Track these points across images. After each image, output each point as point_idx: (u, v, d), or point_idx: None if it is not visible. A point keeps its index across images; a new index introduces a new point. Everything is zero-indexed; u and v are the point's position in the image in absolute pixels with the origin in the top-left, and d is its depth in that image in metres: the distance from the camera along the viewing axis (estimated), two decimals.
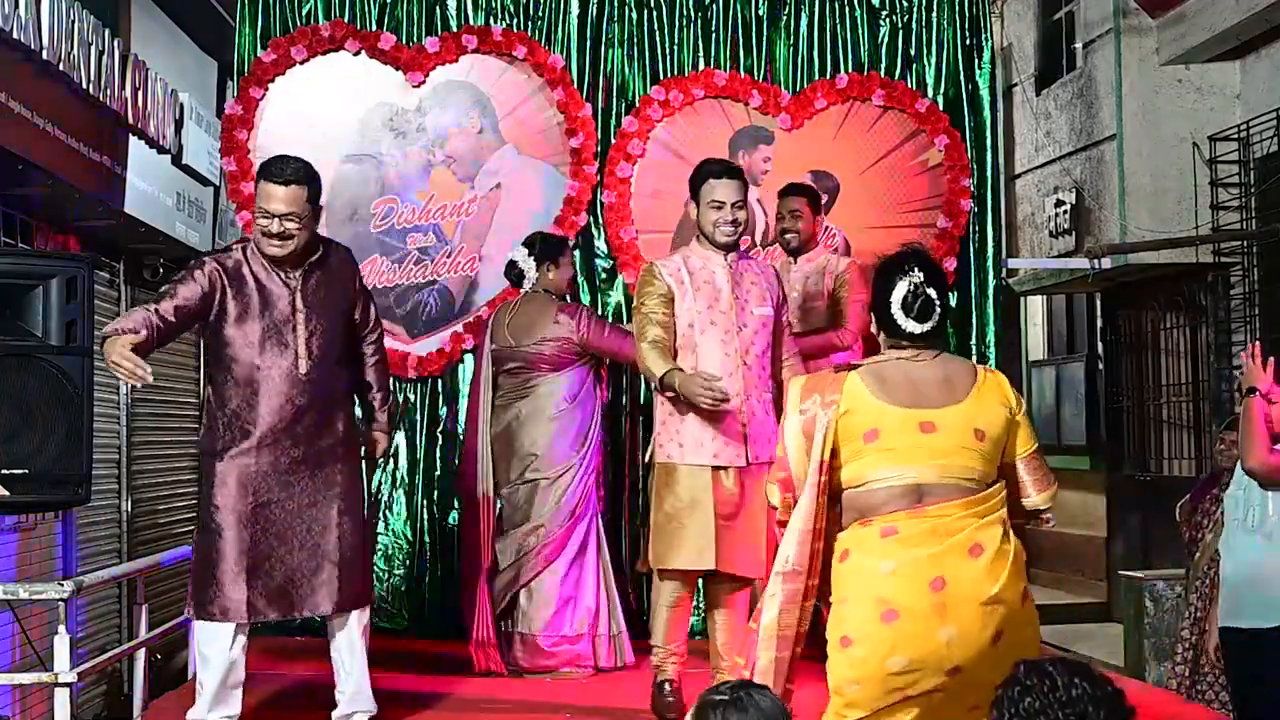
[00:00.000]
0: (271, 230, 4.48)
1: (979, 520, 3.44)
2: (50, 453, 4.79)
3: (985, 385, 3.59)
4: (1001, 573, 3.42)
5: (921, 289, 3.62)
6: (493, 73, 6.84)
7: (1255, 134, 8.50)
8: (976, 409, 3.53)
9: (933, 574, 3.39)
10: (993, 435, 3.52)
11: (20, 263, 5.09)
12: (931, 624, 3.36)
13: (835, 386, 3.54)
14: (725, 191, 4.90)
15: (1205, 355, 9.17)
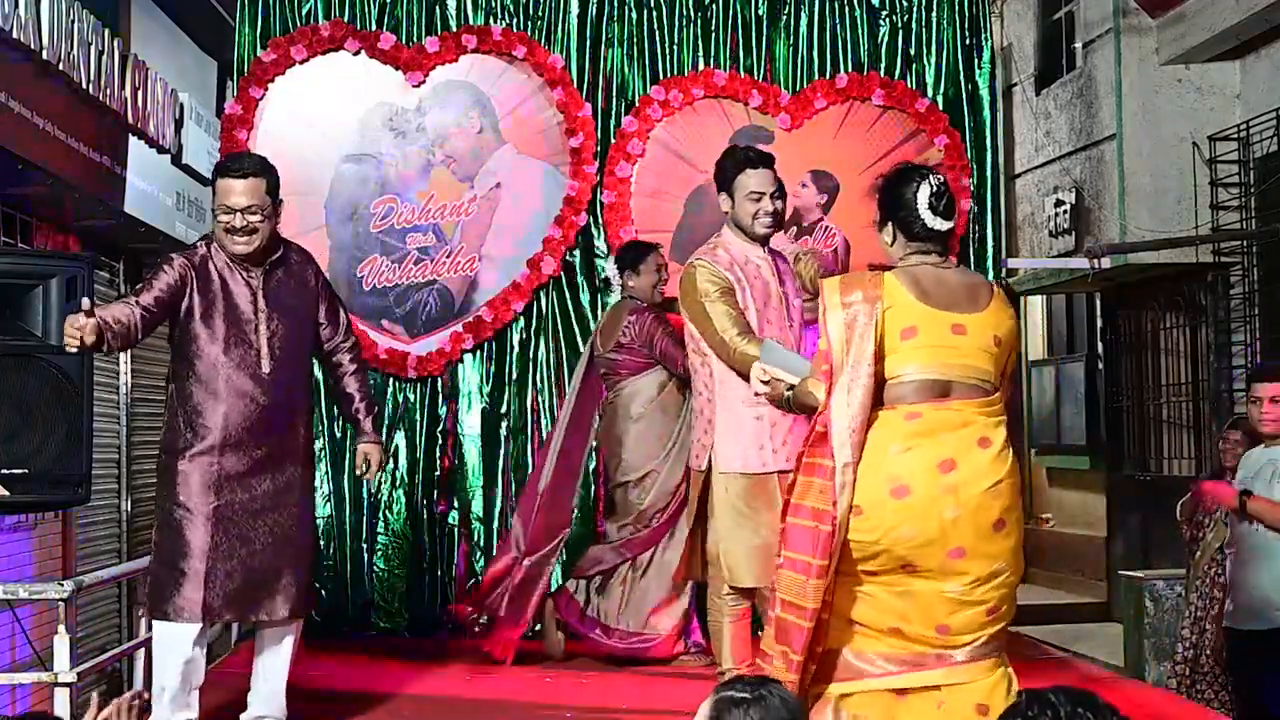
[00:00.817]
0: (235, 225, 4.45)
1: (989, 418, 3.68)
2: (50, 453, 4.79)
3: (999, 297, 3.82)
4: (1004, 467, 3.64)
5: (944, 188, 3.81)
6: (493, 73, 6.84)
7: (1255, 134, 8.50)
8: (996, 318, 3.75)
9: (943, 456, 3.61)
10: (1005, 343, 3.77)
11: (20, 263, 5.09)
12: (940, 503, 3.57)
13: (877, 284, 3.75)
14: (762, 181, 4.78)
15: (1205, 355, 9.17)
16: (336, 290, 6.66)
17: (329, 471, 6.65)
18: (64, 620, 4.69)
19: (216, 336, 4.43)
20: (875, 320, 3.70)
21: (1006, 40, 10.76)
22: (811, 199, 6.91)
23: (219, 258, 4.50)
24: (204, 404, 4.40)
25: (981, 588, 3.64)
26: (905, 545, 3.59)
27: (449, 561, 6.68)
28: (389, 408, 6.70)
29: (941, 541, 3.58)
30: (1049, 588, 11.71)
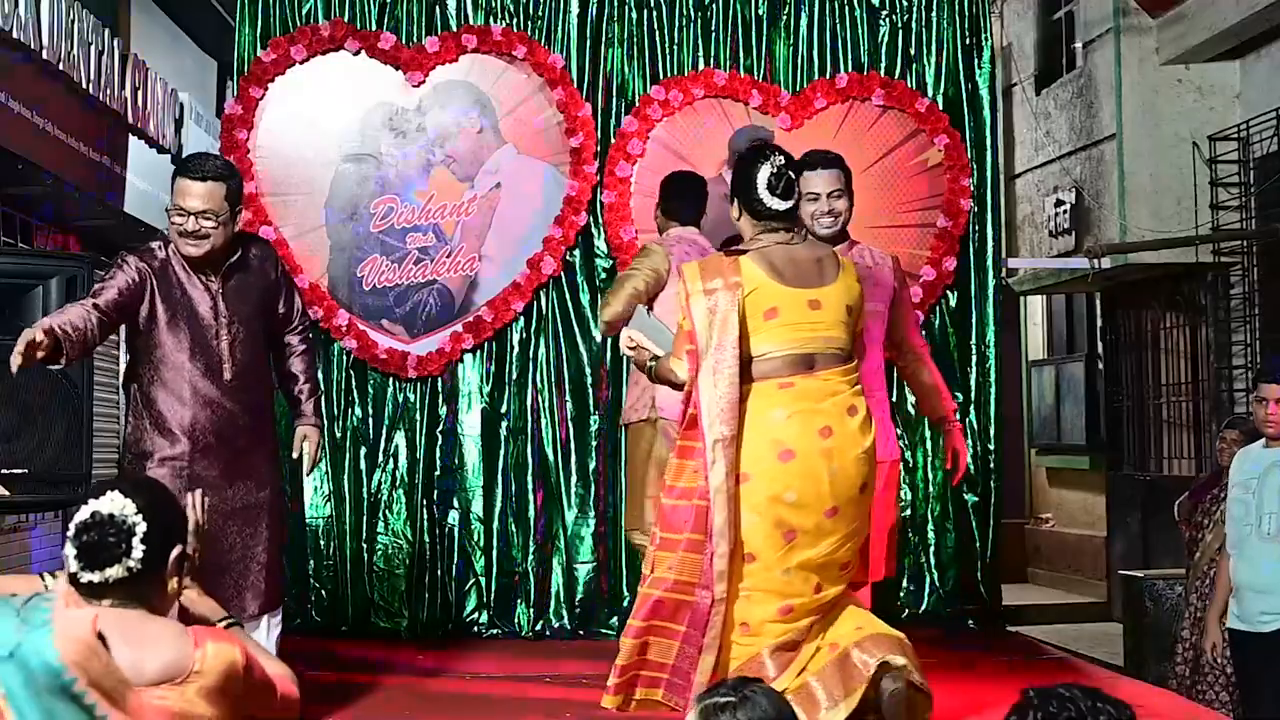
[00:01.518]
0: (186, 229, 4.36)
1: (851, 387, 4.03)
2: (50, 452, 4.78)
3: (846, 267, 4.13)
4: (869, 434, 4.02)
5: (784, 170, 4.05)
6: (493, 72, 6.84)
7: (1255, 134, 8.50)
8: (845, 288, 4.08)
9: (822, 423, 3.94)
10: (855, 310, 4.11)
11: (20, 263, 5.09)
12: (820, 465, 3.92)
13: (735, 269, 4.01)
14: (819, 182, 4.66)
15: (1205, 355, 9.17)
16: (336, 290, 6.71)
17: (329, 471, 6.65)
18: None
19: (182, 343, 4.41)
20: (737, 305, 3.94)
21: (1006, 40, 10.75)
22: None
23: (177, 260, 4.44)
24: (171, 409, 4.39)
25: (844, 547, 4.00)
26: (788, 507, 3.90)
27: (449, 561, 6.68)
28: (389, 408, 6.70)
29: (818, 503, 3.92)
30: (1049, 588, 11.72)
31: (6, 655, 2.33)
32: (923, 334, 5.14)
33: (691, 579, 3.94)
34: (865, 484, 4.01)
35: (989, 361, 6.92)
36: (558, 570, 6.66)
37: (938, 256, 6.86)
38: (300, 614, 6.53)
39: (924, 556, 6.85)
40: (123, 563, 2.44)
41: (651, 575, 4.03)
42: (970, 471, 6.86)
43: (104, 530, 2.44)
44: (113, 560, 2.44)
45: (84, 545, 2.44)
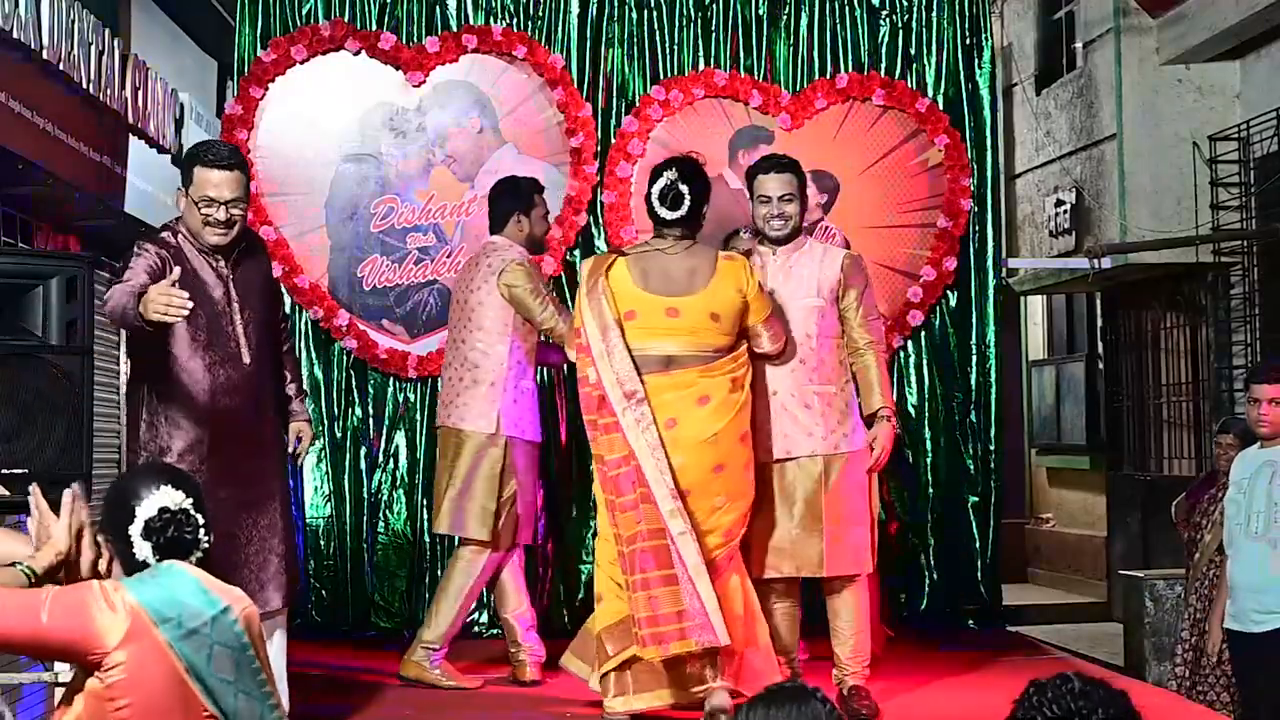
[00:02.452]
0: (218, 218, 4.35)
1: (709, 378, 4.53)
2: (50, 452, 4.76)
3: (722, 273, 4.60)
4: (724, 418, 4.52)
5: (674, 184, 4.63)
6: (493, 72, 6.84)
7: (1255, 134, 8.50)
8: (712, 296, 4.56)
9: (666, 416, 4.49)
10: (727, 315, 4.57)
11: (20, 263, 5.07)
12: (690, 430, 4.49)
13: (603, 267, 4.65)
14: (771, 185, 4.93)
15: (1205, 355, 9.17)
16: (337, 290, 6.71)
17: (329, 471, 6.66)
18: None
19: (199, 332, 4.37)
20: (605, 297, 4.56)
21: (1006, 40, 10.75)
22: (812, 199, 6.90)
23: (189, 247, 4.42)
24: (188, 402, 4.36)
25: (711, 518, 4.50)
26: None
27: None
28: (389, 408, 6.71)
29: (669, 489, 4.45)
30: (1049, 587, 11.72)
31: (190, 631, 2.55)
32: (881, 328, 5.13)
33: (659, 524, 4.45)
34: (719, 464, 4.53)
35: (989, 361, 6.92)
36: (558, 570, 6.66)
37: (938, 256, 6.86)
38: (300, 614, 6.53)
39: (924, 556, 6.85)
40: (199, 548, 2.71)
41: (625, 535, 4.49)
42: (970, 472, 6.87)
43: (181, 524, 2.69)
44: (193, 549, 2.70)
45: (168, 540, 2.69)
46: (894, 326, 6.84)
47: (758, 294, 4.66)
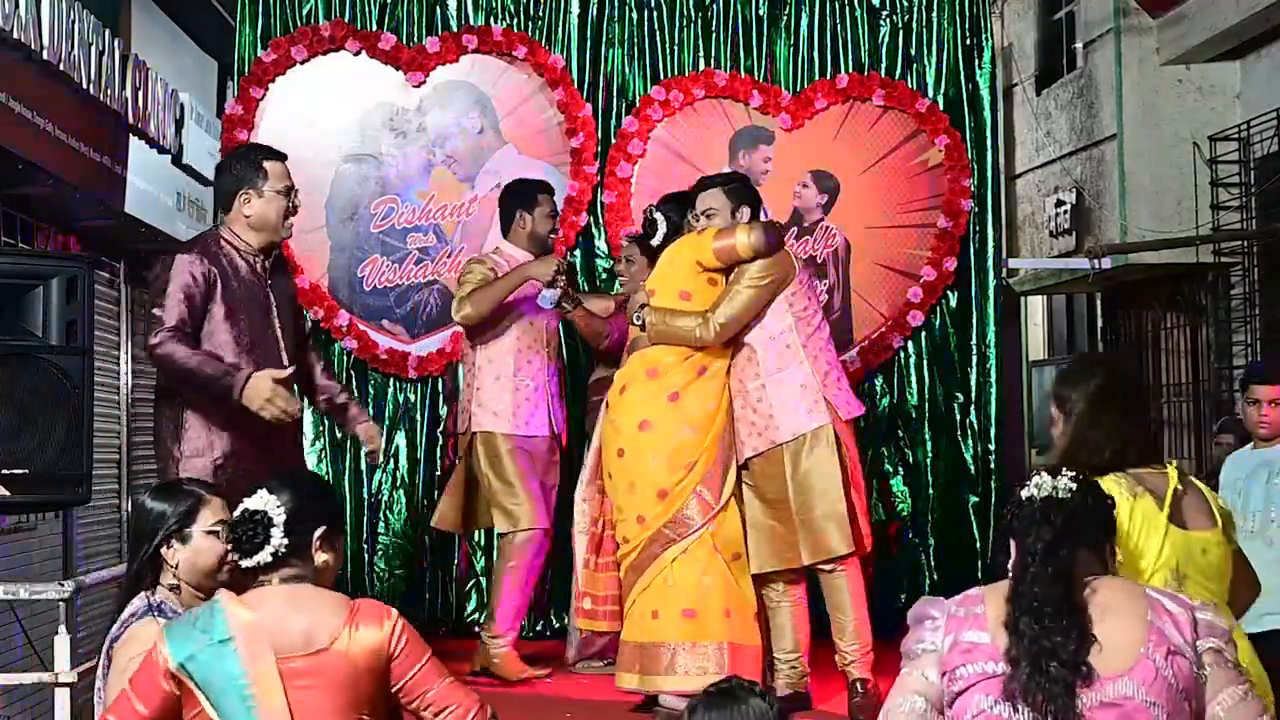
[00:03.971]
0: (295, 206, 4.50)
1: (666, 353, 4.88)
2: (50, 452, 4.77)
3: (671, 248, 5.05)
4: (655, 385, 4.84)
5: (650, 212, 5.24)
6: (493, 73, 6.84)
7: (1255, 134, 8.49)
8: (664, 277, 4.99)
9: (620, 384, 4.96)
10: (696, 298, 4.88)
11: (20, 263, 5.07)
12: (608, 417, 4.99)
13: None
14: (700, 203, 5.02)
15: (1205, 355, 9.16)
16: (337, 290, 6.71)
17: (329, 471, 6.65)
18: (64, 620, 4.68)
19: (241, 335, 4.40)
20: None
21: (1006, 40, 10.74)
22: (812, 199, 6.92)
23: (233, 252, 4.46)
24: (236, 408, 4.33)
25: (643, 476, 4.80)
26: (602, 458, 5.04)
27: (449, 561, 6.67)
28: (389, 408, 6.70)
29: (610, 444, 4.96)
30: None
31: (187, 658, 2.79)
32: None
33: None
34: (644, 421, 4.83)
35: (989, 361, 6.92)
36: (558, 570, 6.66)
37: (938, 257, 6.86)
38: None
39: (924, 556, 6.85)
40: (267, 549, 2.87)
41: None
42: (970, 472, 6.87)
43: (248, 525, 2.89)
44: (258, 548, 2.87)
45: (234, 538, 2.91)
46: (894, 326, 6.84)
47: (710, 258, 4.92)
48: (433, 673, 2.87)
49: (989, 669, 2.49)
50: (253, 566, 2.90)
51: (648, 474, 4.78)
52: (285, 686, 2.77)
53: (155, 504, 3.11)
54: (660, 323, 4.83)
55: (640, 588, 4.76)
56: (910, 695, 2.56)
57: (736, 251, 4.80)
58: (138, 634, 2.99)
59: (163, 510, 3.08)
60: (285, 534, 2.89)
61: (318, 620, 2.83)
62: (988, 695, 2.47)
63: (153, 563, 3.10)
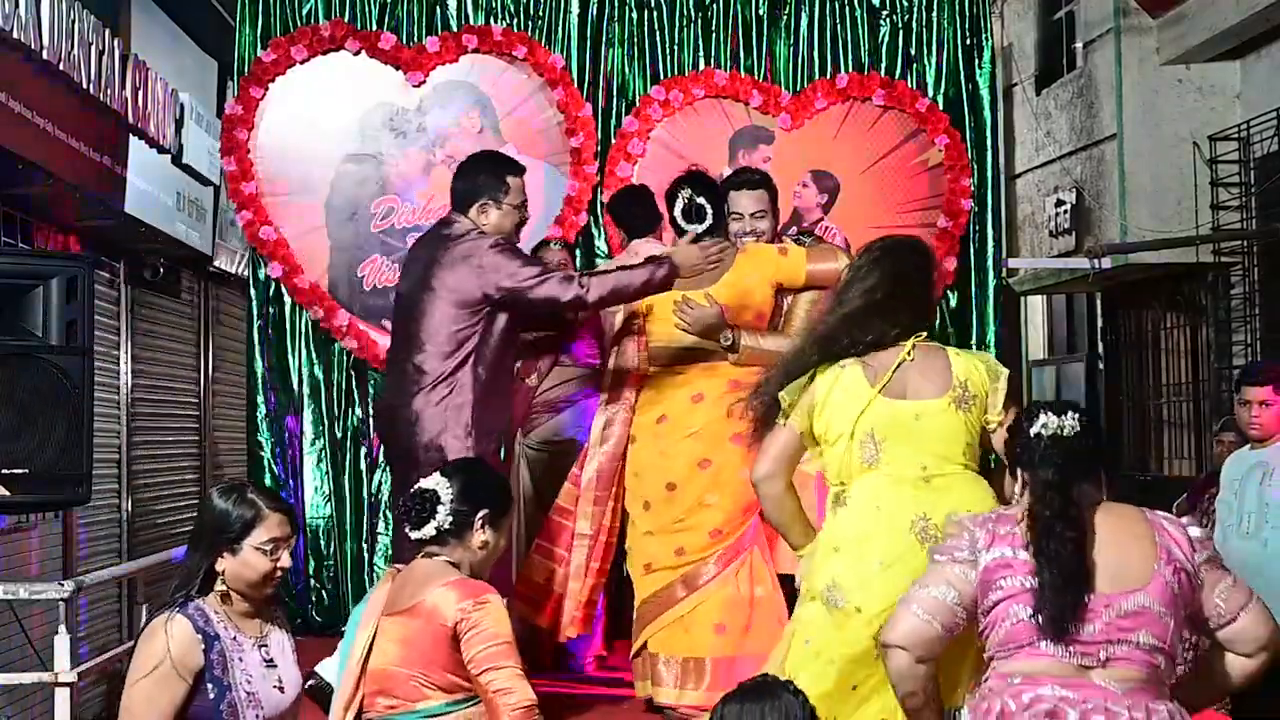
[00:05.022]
0: (525, 218, 4.82)
1: (706, 376, 4.77)
2: (50, 452, 4.78)
3: (736, 267, 4.88)
4: (711, 414, 4.69)
5: (692, 199, 4.87)
6: (493, 73, 6.84)
7: (1255, 134, 8.50)
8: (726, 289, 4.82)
9: (659, 413, 4.81)
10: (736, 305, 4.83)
11: (20, 263, 5.08)
12: (653, 446, 4.79)
13: None
14: (744, 203, 5.05)
15: (1205, 355, 9.17)
16: (337, 290, 6.71)
17: (329, 471, 6.65)
18: (64, 620, 4.69)
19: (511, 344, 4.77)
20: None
21: (1006, 40, 10.75)
22: (812, 199, 6.92)
23: None
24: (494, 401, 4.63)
25: (696, 515, 4.70)
26: (638, 482, 4.84)
27: None
28: None
29: (656, 478, 4.78)
30: None
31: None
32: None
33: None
34: (706, 460, 4.72)
35: None
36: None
37: (938, 257, 6.85)
38: (300, 614, 6.53)
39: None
40: (432, 524, 3.31)
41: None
42: None
43: (418, 502, 3.31)
44: (424, 522, 3.31)
45: (405, 512, 3.34)
46: None
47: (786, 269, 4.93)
48: (500, 657, 3.15)
49: (1026, 583, 2.83)
50: (419, 539, 3.33)
51: (705, 516, 4.79)
52: (376, 636, 3.26)
53: (220, 507, 3.05)
54: (755, 345, 4.77)
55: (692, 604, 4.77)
56: (945, 585, 2.89)
57: (837, 277, 4.55)
58: (156, 630, 2.97)
59: (224, 517, 3.03)
60: (450, 513, 3.30)
61: (425, 587, 3.23)
62: (1025, 606, 2.82)
63: (205, 566, 3.05)
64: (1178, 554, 2.88)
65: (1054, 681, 2.78)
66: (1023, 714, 2.78)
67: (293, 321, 6.79)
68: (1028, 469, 2.94)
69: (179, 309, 9.15)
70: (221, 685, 2.92)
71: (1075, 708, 2.76)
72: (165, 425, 8.93)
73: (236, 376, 8.93)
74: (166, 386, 8.94)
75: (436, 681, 3.18)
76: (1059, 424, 2.93)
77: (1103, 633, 2.80)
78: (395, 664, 3.22)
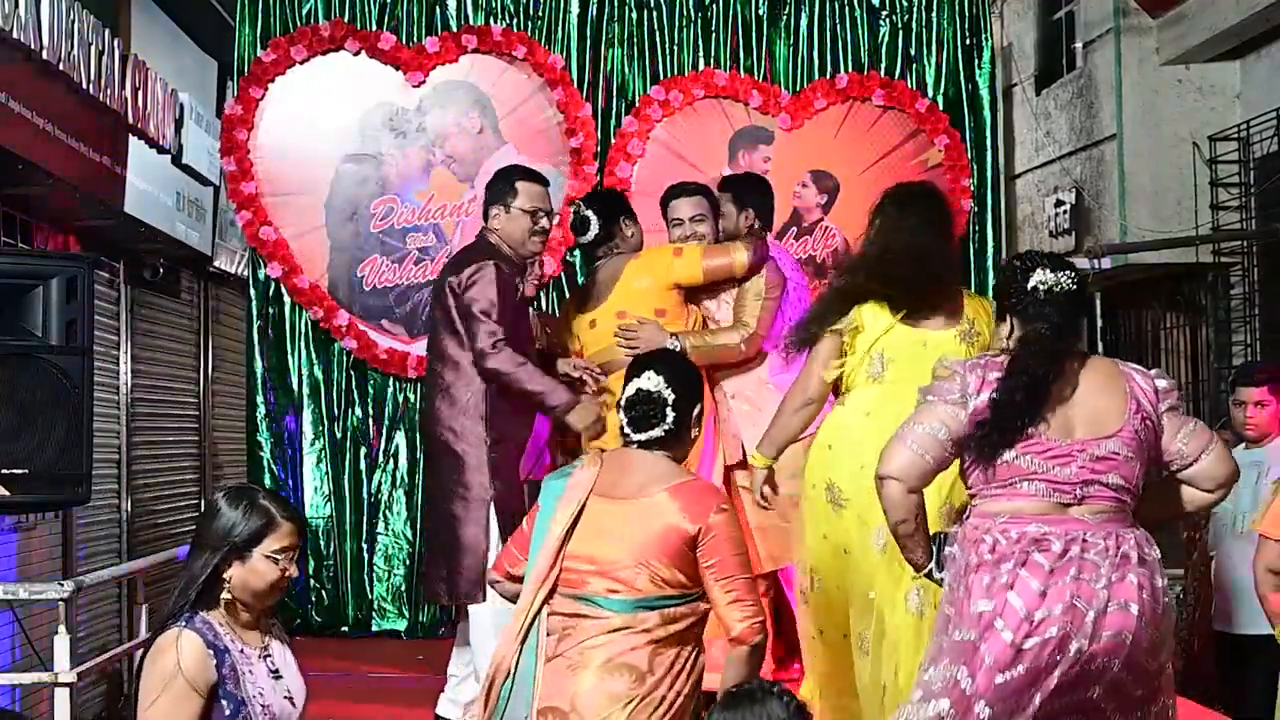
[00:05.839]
0: (545, 227, 4.79)
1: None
2: (50, 452, 4.77)
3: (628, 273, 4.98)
4: None
5: (579, 212, 5.05)
6: (493, 73, 6.85)
7: (1255, 134, 8.49)
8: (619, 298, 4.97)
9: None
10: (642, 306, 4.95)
11: (20, 263, 5.08)
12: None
13: None
14: (683, 209, 5.14)
15: (1205, 355, 9.17)
16: (337, 290, 6.72)
17: (329, 471, 6.66)
18: (64, 620, 4.68)
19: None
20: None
21: (1006, 40, 10.74)
22: (811, 199, 6.92)
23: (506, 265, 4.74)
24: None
25: None
26: None
27: None
28: (389, 408, 6.71)
29: None
30: None
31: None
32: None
33: None
34: None
35: None
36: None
37: None
38: (300, 614, 6.54)
39: None
40: (660, 427, 3.30)
41: None
42: None
43: (647, 405, 3.30)
44: (653, 426, 3.31)
45: (632, 417, 3.32)
46: None
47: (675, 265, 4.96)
48: (739, 567, 3.22)
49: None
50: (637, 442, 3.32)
51: None
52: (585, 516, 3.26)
53: (228, 513, 2.96)
54: (702, 344, 4.86)
55: None
56: (937, 423, 3.18)
57: (734, 271, 4.95)
58: (165, 647, 2.88)
59: (233, 523, 2.94)
60: (675, 412, 3.31)
61: (656, 482, 3.26)
62: (1009, 449, 3.14)
63: (214, 572, 2.95)
64: (1145, 404, 3.20)
65: (1036, 518, 3.13)
66: (1013, 546, 3.12)
67: (293, 321, 6.79)
68: (1021, 319, 3.23)
69: (179, 309, 9.15)
70: (235, 700, 2.84)
71: (1058, 538, 3.10)
72: (165, 425, 8.92)
73: (236, 376, 8.93)
74: (166, 386, 8.94)
75: (664, 576, 3.20)
76: (1055, 280, 3.21)
77: (1079, 474, 3.12)
78: (622, 552, 3.22)
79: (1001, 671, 3.07)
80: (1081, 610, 3.06)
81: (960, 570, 3.22)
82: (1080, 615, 3.06)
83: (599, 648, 3.15)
